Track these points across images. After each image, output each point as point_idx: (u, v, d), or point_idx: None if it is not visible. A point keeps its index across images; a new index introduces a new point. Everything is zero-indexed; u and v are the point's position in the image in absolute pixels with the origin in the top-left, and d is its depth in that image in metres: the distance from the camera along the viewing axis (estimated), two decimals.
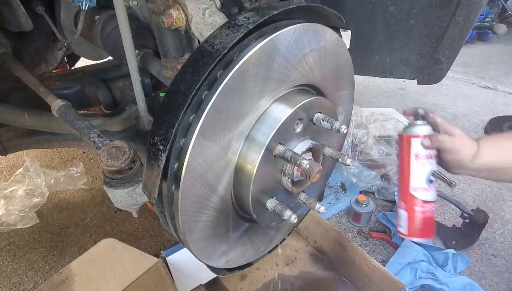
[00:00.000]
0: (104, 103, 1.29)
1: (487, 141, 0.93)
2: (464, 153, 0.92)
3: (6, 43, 1.18)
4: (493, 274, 1.41)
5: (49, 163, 2.28)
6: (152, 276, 1.14)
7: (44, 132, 1.21)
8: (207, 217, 0.72)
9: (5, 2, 1.01)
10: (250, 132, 0.71)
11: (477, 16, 1.11)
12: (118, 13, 0.79)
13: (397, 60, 1.33)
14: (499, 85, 3.24)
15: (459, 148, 0.92)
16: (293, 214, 0.74)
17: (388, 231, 1.59)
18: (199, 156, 0.63)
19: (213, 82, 0.62)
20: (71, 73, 1.36)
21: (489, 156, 0.91)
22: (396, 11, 1.21)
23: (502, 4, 4.53)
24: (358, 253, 1.18)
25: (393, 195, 1.67)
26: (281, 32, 0.67)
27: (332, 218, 1.72)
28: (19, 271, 1.51)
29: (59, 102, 0.92)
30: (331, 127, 0.78)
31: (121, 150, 0.73)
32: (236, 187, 0.74)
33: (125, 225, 1.74)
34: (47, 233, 1.70)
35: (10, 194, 1.81)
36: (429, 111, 1.00)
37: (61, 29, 1.22)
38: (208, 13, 0.81)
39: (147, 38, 1.07)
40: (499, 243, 1.55)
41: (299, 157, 0.69)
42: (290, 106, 0.72)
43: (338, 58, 0.88)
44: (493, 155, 0.91)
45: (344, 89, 0.98)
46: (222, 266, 0.88)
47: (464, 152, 0.92)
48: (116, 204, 0.79)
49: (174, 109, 0.61)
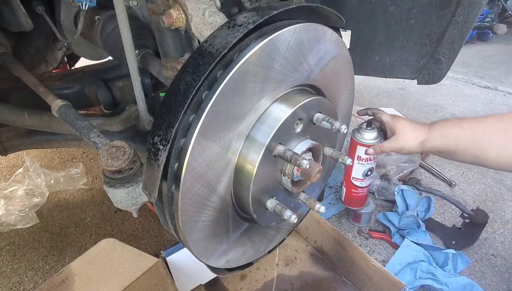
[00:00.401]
0: (104, 103, 1.29)
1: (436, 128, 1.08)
2: (407, 147, 1.10)
3: (6, 43, 1.18)
4: (493, 274, 1.41)
5: (49, 163, 2.28)
6: (152, 276, 1.14)
7: (44, 132, 1.21)
8: (207, 217, 0.72)
9: (5, 2, 1.01)
10: (250, 132, 0.71)
11: (477, 16, 1.11)
12: (118, 13, 0.79)
13: (397, 60, 1.33)
14: (499, 85, 3.24)
15: (400, 146, 1.11)
16: (293, 214, 0.74)
17: (388, 231, 1.59)
18: (199, 156, 0.63)
19: (213, 82, 0.62)
20: (71, 73, 1.36)
21: (434, 142, 1.06)
22: (396, 11, 1.21)
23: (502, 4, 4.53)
24: (358, 253, 1.18)
25: (393, 195, 1.68)
26: (281, 32, 0.67)
27: (332, 218, 1.72)
28: (19, 271, 1.51)
29: (59, 102, 0.92)
30: (331, 127, 0.78)
31: (121, 149, 0.73)
32: (236, 187, 0.74)
33: (125, 225, 1.74)
34: (47, 233, 1.70)
35: (10, 194, 1.81)
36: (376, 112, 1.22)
37: (61, 29, 1.22)
38: (208, 13, 0.81)
39: (147, 38, 1.07)
40: (499, 243, 1.55)
41: (299, 157, 0.69)
42: (290, 106, 0.72)
43: (338, 58, 0.88)
44: (438, 141, 1.06)
45: (344, 89, 0.98)
46: (222, 266, 0.88)
47: (407, 146, 1.10)
48: (116, 204, 0.79)
49: (174, 109, 0.61)
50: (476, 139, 1.00)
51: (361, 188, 1.48)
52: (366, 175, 1.43)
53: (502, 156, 0.98)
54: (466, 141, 1.02)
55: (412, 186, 1.70)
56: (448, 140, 1.05)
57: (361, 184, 1.45)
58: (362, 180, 1.44)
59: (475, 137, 1.01)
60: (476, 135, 1.01)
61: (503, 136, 0.97)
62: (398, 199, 1.61)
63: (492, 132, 0.99)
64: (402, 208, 1.60)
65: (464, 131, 1.02)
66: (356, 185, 1.47)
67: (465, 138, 1.02)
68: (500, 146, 0.97)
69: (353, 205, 1.56)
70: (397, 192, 1.63)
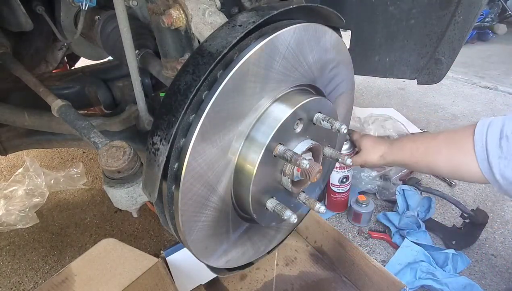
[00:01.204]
0: (104, 103, 1.29)
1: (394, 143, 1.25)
2: (369, 160, 1.29)
3: (6, 43, 1.18)
4: (493, 274, 1.41)
5: (49, 163, 2.28)
6: (152, 276, 1.14)
7: (44, 132, 1.21)
8: (207, 217, 0.72)
9: (5, 2, 1.01)
10: (250, 132, 0.71)
11: (477, 16, 1.11)
12: (118, 13, 0.79)
13: (397, 60, 1.33)
14: (499, 85, 3.24)
15: (363, 160, 1.31)
16: (293, 214, 0.74)
17: (388, 231, 1.59)
18: (199, 155, 0.63)
19: (213, 82, 0.62)
20: (71, 73, 1.36)
21: (393, 156, 1.23)
22: (396, 11, 1.21)
23: (502, 4, 4.53)
24: (358, 253, 1.18)
25: (393, 195, 1.68)
26: (281, 32, 0.67)
27: (332, 218, 1.72)
28: (19, 271, 1.51)
29: (59, 102, 0.92)
30: (331, 127, 0.78)
31: (121, 149, 0.73)
32: (236, 187, 0.74)
33: (125, 225, 1.74)
34: (47, 233, 1.70)
35: (10, 194, 1.81)
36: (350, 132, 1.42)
37: (61, 29, 1.22)
38: (208, 13, 0.81)
39: (147, 38, 1.07)
40: (499, 243, 1.55)
41: (299, 157, 0.69)
42: (290, 106, 0.72)
43: (338, 58, 0.88)
44: (396, 155, 1.22)
45: (344, 89, 0.98)
46: (222, 266, 0.88)
47: (369, 159, 1.29)
48: (116, 204, 0.79)
49: (174, 109, 0.61)
50: (428, 151, 1.13)
51: (339, 194, 1.66)
52: (342, 181, 1.61)
53: (450, 165, 1.07)
54: (420, 154, 1.14)
55: (412, 186, 1.70)
56: (404, 153, 1.19)
57: (339, 189, 1.65)
58: (339, 186, 1.63)
59: (428, 149, 1.13)
60: (429, 148, 1.13)
61: (454, 147, 1.05)
62: (399, 198, 1.61)
63: (444, 144, 1.09)
64: (403, 208, 1.60)
65: (417, 145, 1.16)
66: (334, 191, 1.66)
67: (419, 151, 1.15)
68: (450, 157, 1.06)
69: (335, 209, 1.73)
70: (398, 192, 1.63)
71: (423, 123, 2.59)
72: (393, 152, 1.22)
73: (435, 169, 1.15)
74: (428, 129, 2.45)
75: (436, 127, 2.54)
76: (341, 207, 1.72)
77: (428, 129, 2.44)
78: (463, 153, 1.02)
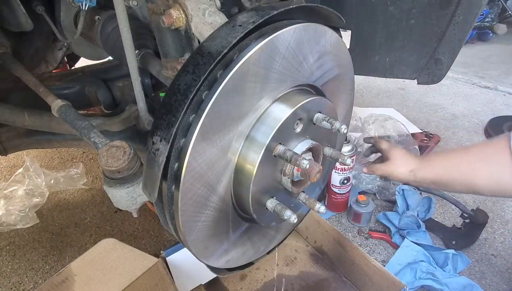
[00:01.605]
0: (104, 103, 1.29)
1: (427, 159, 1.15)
2: (396, 173, 1.16)
3: (6, 43, 1.18)
4: (493, 274, 1.41)
5: (49, 163, 2.28)
6: (152, 276, 1.14)
7: (44, 132, 1.21)
8: (207, 217, 0.72)
9: (5, 2, 1.01)
10: (250, 132, 0.71)
11: (477, 16, 1.11)
12: (118, 13, 0.79)
13: (397, 60, 1.33)
14: (499, 85, 3.24)
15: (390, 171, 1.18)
16: (293, 214, 0.74)
17: (388, 231, 1.59)
18: (199, 155, 0.63)
19: (213, 82, 0.61)
20: (71, 73, 1.36)
21: (426, 173, 1.11)
22: (396, 11, 1.21)
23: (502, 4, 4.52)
24: (358, 253, 1.18)
25: (393, 195, 1.68)
26: (281, 32, 0.67)
27: (332, 218, 1.72)
28: (19, 271, 1.51)
29: (59, 102, 0.92)
30: (331, 127, 0.78)
31: (121, 149, 0.73)
32: (236, 187, 0.74)
33: (125, 225, 1.74)
34: (47, 233, 1.70)
35: (10, 194, 1.81)
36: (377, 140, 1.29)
37: (61, 29, 1.22)
38: (208, 13, 0.81)
39: (147, 38, 1.07)
40: (499, 243, 1.55)
41: (299, 157, 0.69)
42: (290, 106, 0.72)
43: (338, 58, 0.88)
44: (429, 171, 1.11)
45: (344, 89, 0.98)
46: (222, 266, 0.88)
47: (396, 172, 1.16)
48: (116, 204, 0.79)
49: (174, 109, 0.61)
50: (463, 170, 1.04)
51: (339, 195, 1.67)
52: (343, 183, 1.62)
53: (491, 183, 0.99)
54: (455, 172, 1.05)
55: (412, 186, 1.70)
56: (437, 170, 1.09)
57: (339, 191, 1.66)
58: (339, 187, 1.64)
59: (461, 168, 1.04)
60: (463, 166, 1.04)
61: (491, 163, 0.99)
62: (399, 199, 1.61)
63: (479, 160, 1.02)
64: (403, 208, 1.60)
65: (451, 162, 1.07)
66: (335, 192, 1.67)
67: (454, 169, 1.05)
68: (487, 174, 0.99)
69: (336, 210, 1.74)
70: (398, 192, 1.63)
71: (423, 123, 2.59)
72: (426, 168, 1.11)
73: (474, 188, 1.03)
74: (428, 129, 2.45)
75: (436, 127, 2.54)
76: (341, 207, 1.73)
77: (428, 129, 2.44)
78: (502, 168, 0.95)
